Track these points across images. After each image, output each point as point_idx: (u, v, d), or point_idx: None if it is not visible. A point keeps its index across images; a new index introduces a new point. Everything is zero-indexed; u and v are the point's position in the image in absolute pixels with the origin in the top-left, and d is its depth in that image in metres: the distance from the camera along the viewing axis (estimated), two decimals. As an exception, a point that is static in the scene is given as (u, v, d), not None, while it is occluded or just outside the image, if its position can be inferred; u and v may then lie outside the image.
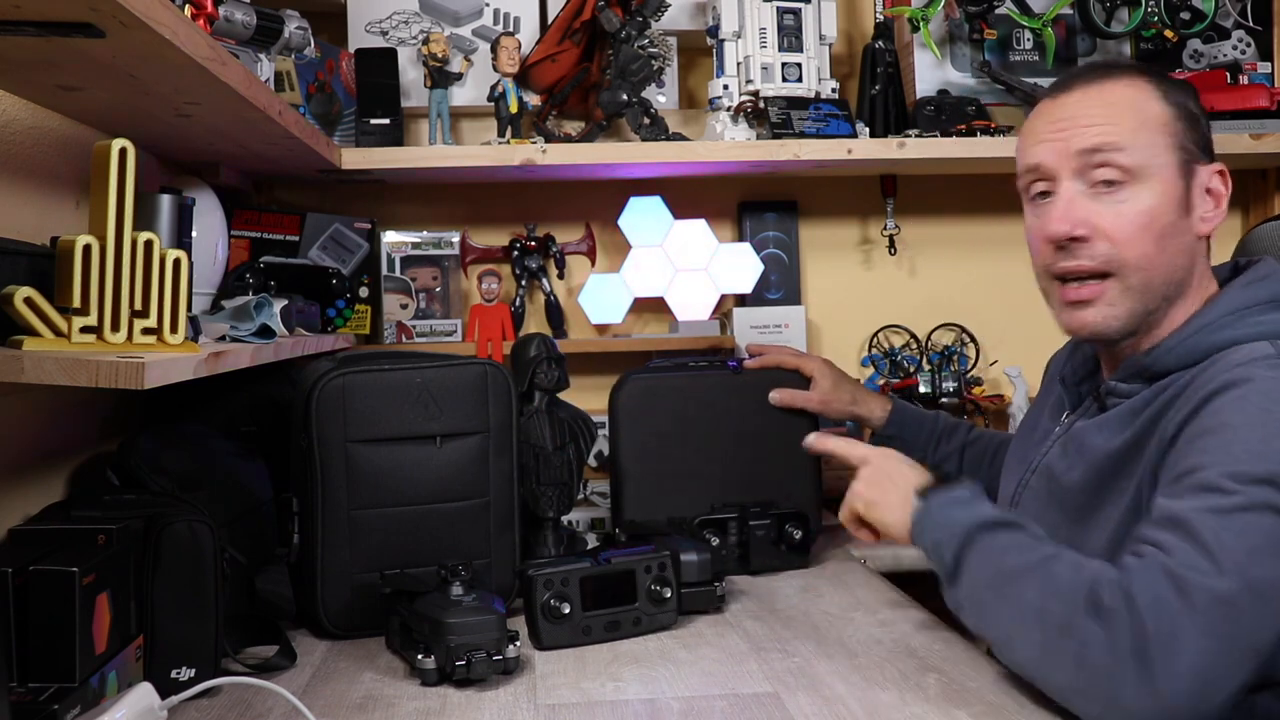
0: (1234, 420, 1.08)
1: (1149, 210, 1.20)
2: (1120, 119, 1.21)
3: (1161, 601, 0.98)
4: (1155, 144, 1.21)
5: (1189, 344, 1.19)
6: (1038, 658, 1.06)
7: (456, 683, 1.20)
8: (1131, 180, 1.20)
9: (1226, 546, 0.99)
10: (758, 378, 1.74)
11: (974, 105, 2.03)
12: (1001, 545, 1.12)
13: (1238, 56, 2.12)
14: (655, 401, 1.71)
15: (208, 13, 1.30)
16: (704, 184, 2.21)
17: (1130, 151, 1.20)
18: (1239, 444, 1.06)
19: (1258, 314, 1.18)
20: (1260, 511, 1.01)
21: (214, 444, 1.53)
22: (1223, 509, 1.02)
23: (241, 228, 1.89)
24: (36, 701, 0.96)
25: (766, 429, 1.73)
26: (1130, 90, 1.23)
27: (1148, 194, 1.20)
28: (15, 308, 0.99)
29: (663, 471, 1.70)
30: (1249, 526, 1.01)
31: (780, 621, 1.42)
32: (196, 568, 1.17)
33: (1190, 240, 1.22)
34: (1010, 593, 1.08)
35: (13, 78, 1.17)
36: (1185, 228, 1.22)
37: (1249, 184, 2.25)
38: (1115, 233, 1.20)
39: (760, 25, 1.98)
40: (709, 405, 1.72)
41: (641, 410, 1.71)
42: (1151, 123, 1.21)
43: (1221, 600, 0.98)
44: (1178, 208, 1.21)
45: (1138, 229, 1.19)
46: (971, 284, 2.25)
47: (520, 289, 2.13)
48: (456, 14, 2.07)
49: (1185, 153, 1.22)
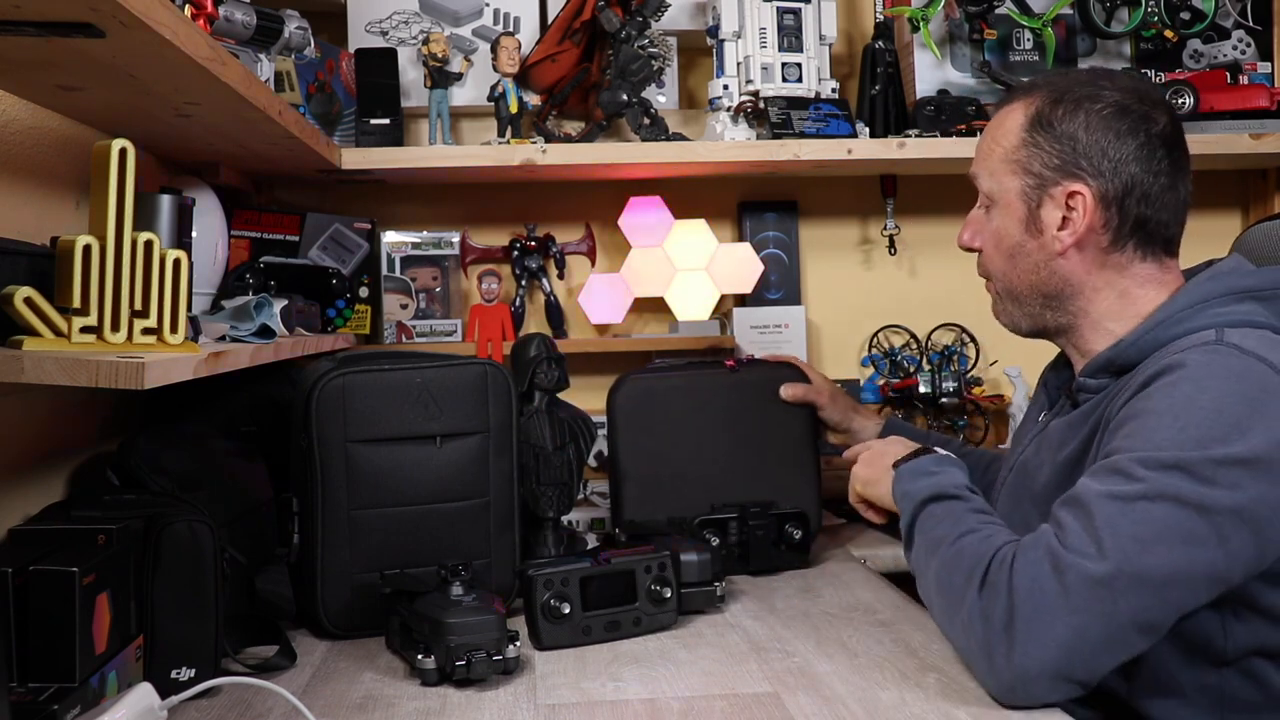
0: (1159, 406, 1.13)
1: (996, 230, 1.34)
2: (983, 148, 1.36)
3: (1037, 581, 1.08)
4: (1000, 171, 1.32)
5: (1150, 337, 1.24)
6: (942, 622, 1.21)
7: (456, 683, 1.20)
8: (991, 203, 1.35)
9: (1116, 533, 1.07)
10: (756, 376, 1.74)
11: (974, 105, 2.03)
12: (938, 516, 1.24)
13: (1238, 56, 2.12)
14: (653, 402, 1.71)
15: (208, 13, 1.30)
16: (704, 184, 2.21)
17: (982, 179, 1.35)
18: (1158, 430, 1.11)
19: (1216, 305, 1.22)
20: (1159, 501, 1.07)
21: (214, 444, 1.53)
22: (1124, 496, 1.09)
23: (241, 228, 1.89)
24: (36, 701, 0.96)
25: (766, 429, 1.72)
26: (1002, 118, 1.34)
27: (998, 216, 1.34)
28: (15, 308, 0.99)
29: (662, 472, 1.70)
30: (1144, 515, 1.07)
31: (780, 621, 1.42)
32: (196, 568, 1.17)
33: (1045, 258, 1.31)
34: (932, 561, 1.21)
35: (13, 78, 1.17)
36: (1035, 247, 1.31)
37: (1249, 184, 2.25)
38: (985, 248, 1.37)
39: (760, 25, 1.98)
40: (707, 405, 1.71)
41: (640, 411, 1.71)
42: (1001, 152, 1.32)
43: (1095, 583, 1.06)
44: (1022, 229, 1.31)
45: (993, 246, 1.35)
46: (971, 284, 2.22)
47: (520, 289, 2.13)
48: (456, 14, 2.07)
49: (1033, 177, 1.30)
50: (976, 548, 1.15)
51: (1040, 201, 1.29)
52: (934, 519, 1.24)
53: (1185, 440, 1.09)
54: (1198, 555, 1.07)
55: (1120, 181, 1.26)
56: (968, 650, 1.14)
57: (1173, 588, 1.07)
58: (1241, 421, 1.09)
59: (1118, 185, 1.26)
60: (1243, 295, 1.23)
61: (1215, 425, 1.09)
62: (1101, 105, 1.26)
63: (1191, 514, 1.07)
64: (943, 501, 1.25)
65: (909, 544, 1.27)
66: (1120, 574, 1.06)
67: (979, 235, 1.38)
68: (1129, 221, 1.26)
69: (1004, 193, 1.32)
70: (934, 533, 1.22)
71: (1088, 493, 1.11)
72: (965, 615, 1.13)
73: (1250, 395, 1.10)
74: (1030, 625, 1.07)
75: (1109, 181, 1.26)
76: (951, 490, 1.26)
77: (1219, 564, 1.07)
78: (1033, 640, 1.07)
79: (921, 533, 1.25)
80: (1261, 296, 1.23)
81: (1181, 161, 1.28)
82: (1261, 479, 1.08)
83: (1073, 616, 1.06)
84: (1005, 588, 1.09)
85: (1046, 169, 1.28)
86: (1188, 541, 1.06)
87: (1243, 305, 1.22)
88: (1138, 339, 1.24)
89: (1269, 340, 1.16)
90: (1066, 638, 1.06)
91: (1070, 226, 1.28)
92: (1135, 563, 1.06)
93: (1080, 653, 1.07)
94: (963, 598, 1.13)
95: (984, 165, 1.35)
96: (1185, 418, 1.10)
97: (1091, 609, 1.06)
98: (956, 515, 1.22)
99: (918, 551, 1.25)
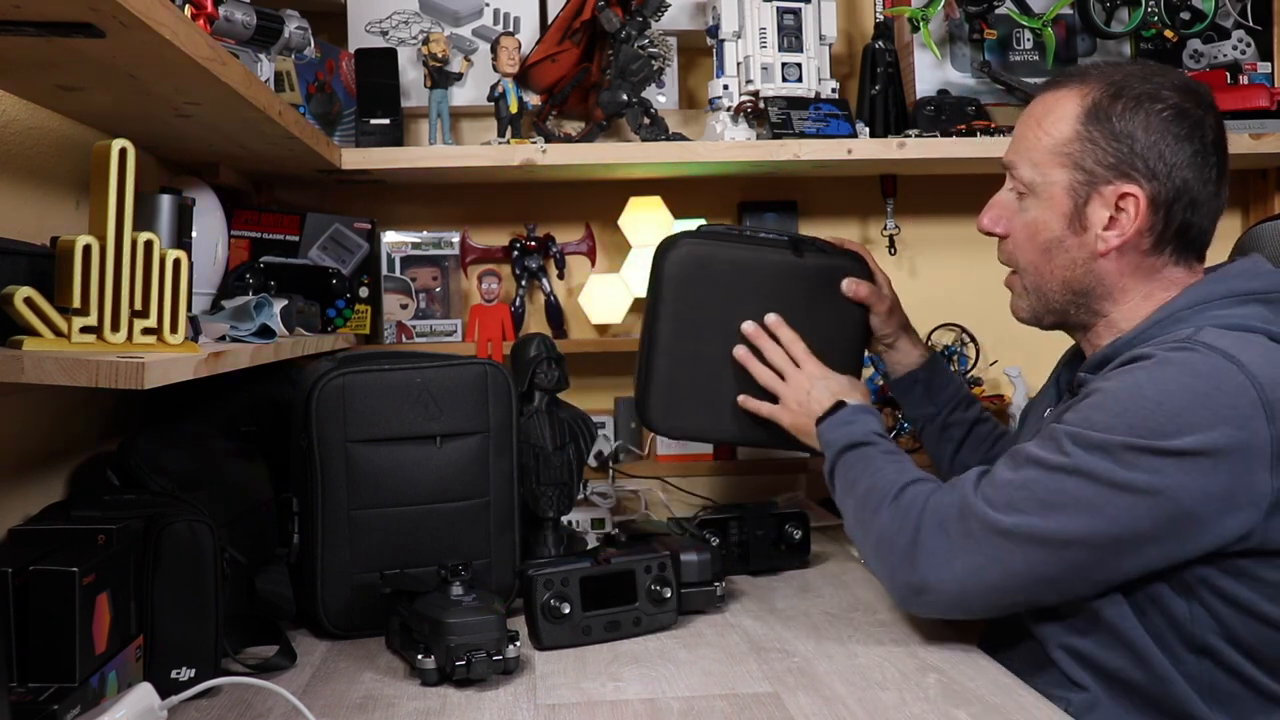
0: (1109, 388, 1.18)
1: (1033, 223, 1.30)
2: (1029, 136, 1.30)
3: (944, 522, 1.22)
4: (1048, 162, 1.28)
5: (1147, 335, 1.24)
6: (861, 545, 1.35)
7: (456, 683, 1.20)
8: (1029, 194, 1.30)
9: (1029, 495, 1.17)
10: (819, 264, 1.55)
11: (974, 105, 2.03)
12: (854, 460, 1.37)
13: (1238, 56, 2.12)
14: (707, 275, 1.50)
15: (208, 13, 1.30)
16: (704, 184, 2.21)
17: (1023, 169, 1.30)
18: (1099, 411, 1.17)
19: (1217, 307, 1.23)
20: (1074, 475, 1.15)
21: (214, 444, 1.53)
22: (1048, 464, 1.17)
23: (241, 228, 1.89)
24: (36, 701, 0.96)
25: (816, 327, 1.53)
26: (1053, 106, 1.29)
27: (1035, 208, 1.30)
28: (15, 308, 1.00)
29: (699, 367, 1.51)
30: (1058, 485, 1.16)
31: (780, 621, 1.42)
32: (196, 568, 1.17)
33: (1085, 256, 1.28)
34: (849, 499, 1.36)
35: (13, 78, 1.17)
36: (1076, 245, 1.28)
37: (1249, 184, 2.25)
38: (1014, 236, 1.33)
39: (760, 25, 1.98)
40: (762, 287, 1.52)
41: (690, 284, 1.50)
42: (1050, 142, 1.28)
43: (996, 532, 1.18)
44: (1065, 225, 1.28)
45: (1025, 238, 1.32)
46: (971, 284, 2.24)
47: (520, 289, 2.13)
48: (456, 14, 2.07)
49: (1084, 173, 1.26)
50: (889, 478, 1.31)
51: (1088, 199, 1.26)
52: (852, 461, 1.37)
53: (1118, 425, 1.14)
54: (1098, 525, 1.14)
55: (1173, 186, 1.23)
56: (876, 564, 1.31)
57: (1072, 550, 1.16)
58: (1180, 417, 1.11)
59: (1170, 190, 1.23)
60: (1246, 298, 1.23)
61: (1152, 416, 1.12)
62: (1162, 106, 1.23)
63: (1101, 489, 1.14)
64: (859, 449, 1.38)
65: (831, 487, 1.41)
66: (1019, 530, 1.17)
67: (1003, 221, 1.34)
68: (1173, 227, 1.25)
69: (1049, 185, 1.28)
70: (849, 474, 1.37)
71: (1023, 452, 1.21)
72: (875, 536, 1.29)
73: (1201, 391, 1.12)
74: (931, 555, 1.22)
75: (1162, 185, 1.23)
76: (865, 439, 1.38)
77: (1124, 538, 1.14)
78: (931, 566, 1.22)
79: (840, 475, 1.38)
80: (1268, 300, 1.23)
81: (1225, 167, 1.27)
82: (1187, 470, 1.11)
83: (970, 557, 1.20)
84: (915, 515, 1.25)
85: (1100, 166, 1.25)
86: (1089, 511, 1.14)
87: (1246, 308, 1.21)
88: (1135, 336, 1.25)
89: (1245, 341, 1.16)
90: (963, 573, 1.20)
91: (1118, 228, 1.25)
92: (1034, 523, 1.16)
93: (976, 589, 1.21)
94: (875, 518, 1.29)
95: (1026, 154, 1.30)
96: (1126, 403, 1.15)
97: (988, 553, 1.19)
98: (868, 458, 1.36)
99: (839, 493, 1.39)
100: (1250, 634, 1.17)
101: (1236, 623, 1.17)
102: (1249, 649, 1.17)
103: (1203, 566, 1.15)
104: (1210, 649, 1.17)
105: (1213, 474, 1.11)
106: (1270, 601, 1.16)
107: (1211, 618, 1.17)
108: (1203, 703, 1.17)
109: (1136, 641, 1.18)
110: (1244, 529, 1.12)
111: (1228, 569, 1.15)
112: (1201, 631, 1.17)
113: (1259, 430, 1.11)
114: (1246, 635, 1.17)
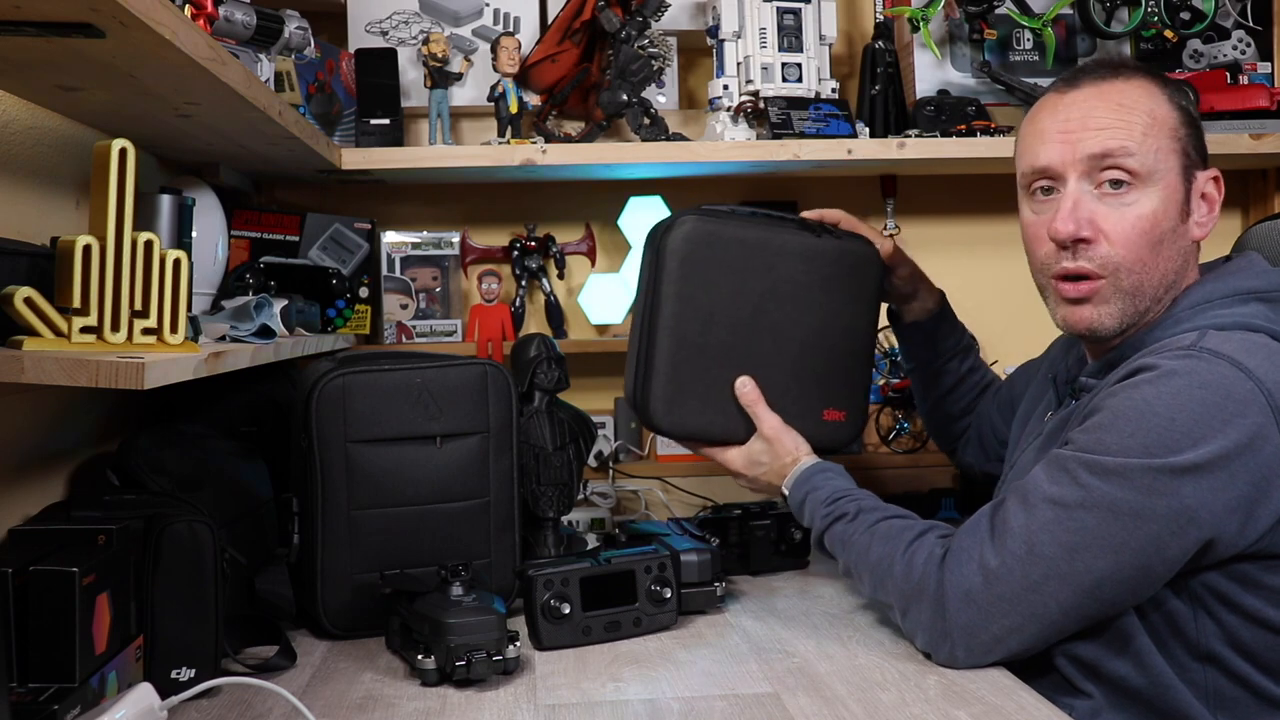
0: (1118, 406, 1.14)
1: (1151, 215, 1.21)
2: (1131, 122, 1.21)
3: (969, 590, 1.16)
4: (1162, 148, 1.22)
5: (1152, 336, 1.23)
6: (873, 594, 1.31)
7: (456, 683, 1.20)
8: (1137, 184, 1.21)
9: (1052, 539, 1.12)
10: (831, 248, 1.46)
11: (974, 105, 2.03)
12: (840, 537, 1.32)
13: (1238, 56, 2.12)
14: (715, 255, 1.39)
15: (208, 13, 1.30)
16: (704, 184, 2.21)
17: (1139, 156, 1.21)
18: (1110, 432, 1.13)
19: (1219, 307, 1.22)
20: (1094, 510, 1.11)
21: (214, 444, 1.53)
22: (1064, 502, 1.13)
23: (241, 228, 1.89)
24: (36, 701, 0.96)
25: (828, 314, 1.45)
26: (1140, 92, 1.23)
27: (1151, 199, 1.21)
28: (15, 308, 1.00)
29: (706, 358, 1.40)
30: (1079, 524, 1.12)
31: (780, 621, 1.42)
32: (196, 568, 1.17)
33: (1185, 244, 1.25)
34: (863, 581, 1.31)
35: (13, 78, 1.17)
36: (1182, 232, 1.24)
37: (1249, 184, 2.25)
38: (1116, 236, 1.22)
39: (760, 25, 1.98)
40: (773, 269, 1.42)
41: (696, 263, 1.39)
42: (1159, 126, 1.22)
43: (1026, 589, 1.13)
44: (1178, 213, 1.23)
45: (1138, 234, 1.21)
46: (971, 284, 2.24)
47: (520, 289, 2.13)
48: (456, 14, 2.07)
49: (1187, 158, 1.24)
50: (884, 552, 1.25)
51: (1191, 184, 1.25)
52: (839, 539, 1.33)
53: (1132, 447, 1.11)
54: (1125, 561, 1.11)
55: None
56: (914, 639, 1.24)
57: (1104, 588, 1.13)
58: (1194, 430, 1.09)
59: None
60: (1248, 296, 1.22)
61: (1166, 434, 1.10)
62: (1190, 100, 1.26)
63: (1124, 522, 1.10)
64: (835, 525, 1.33)
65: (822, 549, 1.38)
66: (1049, 578, 1.13)
67: (1095, 221, 1.21)
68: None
69: (1166, 172, 1.21)
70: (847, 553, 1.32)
71: (1035, 492, 1.16)
72: (902, 618, 1.25)
73: (1211, 403, 1.10)
74: (967, 631, 1.17)
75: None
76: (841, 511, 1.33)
77: (1154, 567, 1.11)
78: (973, 643, 1.17)
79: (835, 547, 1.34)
80: (1268, 298, 1.22)
81: None
82: (1204, 484, 1.09)
83: (1005, 619, 1.15)
84: (934, 592, 1.19)
85: (1195, 151, 1.25)
86: (1117, 550, 1.11)
87: (1247, 307, 1.21)
88: (1141, 339, 1.24)
89: (1251, 344, 1.15)
90: (1002, 634, 1.16)
91: (1209, 214, 1.26)
92: (1062, 568, 1.12)
93: (1017, 646, 1.17)
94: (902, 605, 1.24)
95: (1135, 139, 1.21)
96: (1138, 423, 1.11)
97: (1023, 612, 1.15)
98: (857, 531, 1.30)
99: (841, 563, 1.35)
100: (1255, 640, 1.16)
101: (1242, 629, 1.16)
102: (1253, 655, 1.17)
103: (1208, 572, 1.15)
104: (1215, 655, 1.17)
105: (1231, 485, 1.09)
106: (1275, 607, 1.15)
107: (1217, 624, 1.16)
108: (1205, 708, 1.17)
109: (1141, 649, 1.17)
110: (1259, 533, 1.11)
111: (1233, 574, 1.14)
112: (1207, 639, 1.17)
113: (1270, 436, 1.10)
114: (1251, 641, 1.16)
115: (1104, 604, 1.14)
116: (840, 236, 1.50)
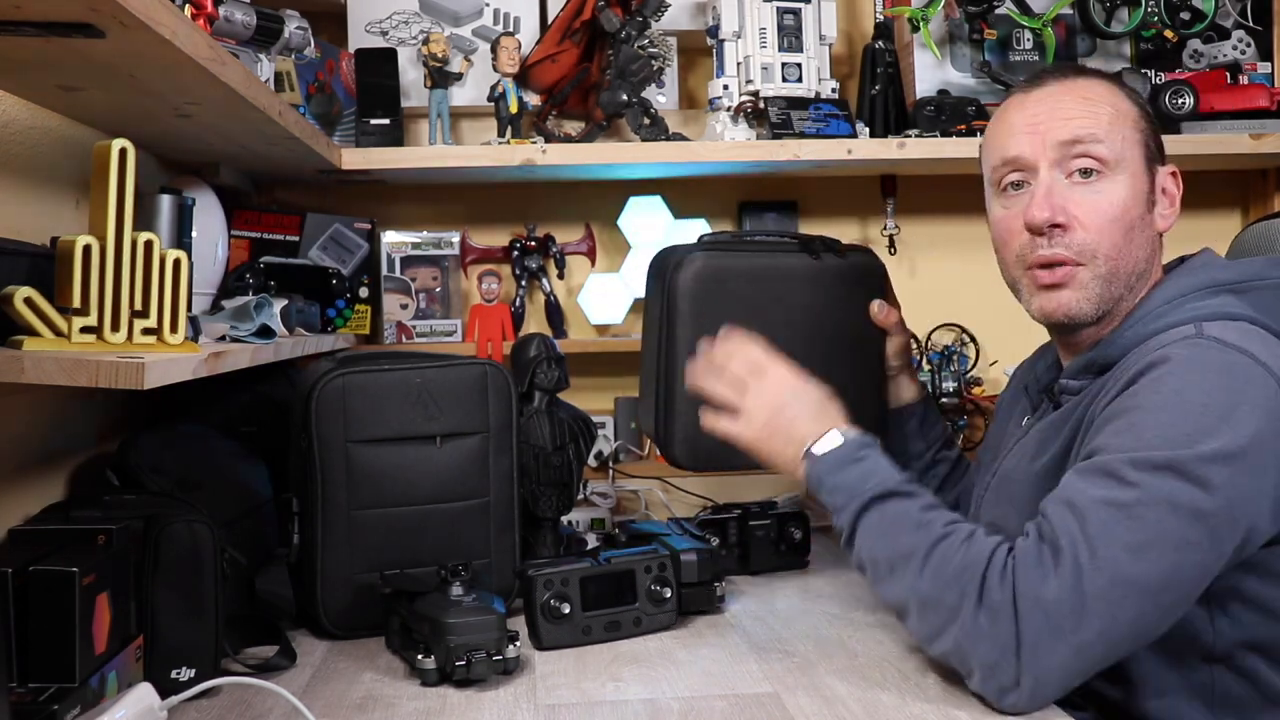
0: (1146, 402, 1.12)
1: (1121, 201, 1.24)
2: (1097, 113, 1.25)
3: (1040, 604, 1.05)
4: (1128, 138, 1.25)
5: (1131, 334, 1.23)
6: (928, 635, 1.14)
7: (456, 683, 1.20)
8: (1107, 171, 1.24)
9: (1111, 541, 1.05)
10: (836, 266, 1.48)
11: (974, 105, 2.02)
12: (892, 517, 1.17)
13: (1238, 56, 2.12)
14: (723, 287, 1.40)
15: (208, 13, 1.30)
16: (704, 184, 2.21)
17: (1107, 144, 1.24)
18: (1147, 427, 1.10)
19: (1194, 300, 1.22)
20: (1154, 507, 1.06)
21: (214, 444, 1.53)
22: (1119, 503, 1.06)
23: (241, 228, 1.89)
24: (36, 701, 0.96)
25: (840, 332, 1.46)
26: (1102, 88, 1.28)
27: (1120, 186, 1.24)
28: (15, 308, 1.00)
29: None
30: (1139, 522, 1.06)
31: (780, 621, 1.42)
32: (196, 568, 1.17)
33: (1151, 234, 1.28)
34: (904, 571, 1.14)
35: (13, 78, 1.17)
36: (1149, 222, 1.27)
37: (1249, 184, 2.25)
38: (1090, 221, 1.23)
39: (760, 25, 1.98)
40: (783, 297, 1.43)
41: (707, 301, 1.40)
42: (1123, 118, 1.26)
43: (1095, 598, 1.04)
44: (1145, 202, 1.26)
45: (1110, 219, 1.23)
46: (971, 284, 2.24)
47: (520, 289, 2.13)
48: (456, 14, 2.07)
49: (1149, 150, 1.28)
50: (963, 558, 1.10)
51: (1154, 175, 1.28)
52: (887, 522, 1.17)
53: (1175, 437, 1.08)
54: (1188, 559, 1.06)
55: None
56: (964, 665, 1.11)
57: (1166, 593, 1.07)
58: (1227, 414, 1.09)
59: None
60: (1218, 288, 1.23)
61: (1203, 419, 1.09)
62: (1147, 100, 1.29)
63: (1186, 519, 1.06)
64: (890, 500, 1.18)
65: (850, 543, 1.21)
66: (1115, 584, 1.05)
67: (1068, 208, 1.23)
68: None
69: (1132, 161, 1.25)
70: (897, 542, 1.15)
71: (1081, 496, 1.08)
72: (959, 633, 1.09)
73: (1235, 387, 1.10)
74: (1036, 652, 1.05)
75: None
76: (894, 487, 1.19)
77: (1210, 565, 1.08)
78: (1040, 665, 1.05)
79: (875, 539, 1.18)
80: (1237, 289, 1.24)
81: None
82: (1241, 471, 1.08)
83: (1075, 636, 1.05)
84: (1010, 611, 1.06)
85: (1156, 146, 1.29)
86: (1180, 548, 1.06)
87: (1218, 298, 1.22)
88: (1118, 338, 1.24)
89: (1247, 332, 1.16)
90: (1069, 658, 1.06)
91: (1172, 206, 1.29)
92: (1128, 570, 1.05)
93: (1082, 670, 1.08)
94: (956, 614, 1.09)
95: (1103, 128, 1.24)
96: (1174, 413, 1.10)
97: (1093, 626, 1.05)
98: (916, 518, 1.16)
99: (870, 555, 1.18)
100: (1267, 633, 1.15)
101: (1260, 625, 1.14)
102: (1266, 650, 1.15)
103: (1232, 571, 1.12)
104: (1226, 656, 1.15)
105: (1263, 472, 1.08)
106: None
107: (1233, 623, 1.14)
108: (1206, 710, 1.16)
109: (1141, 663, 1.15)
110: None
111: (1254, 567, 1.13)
112: (1220, 640, 1.15)
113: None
114: (1266, 636, 1.15)
115: (1164, 614, 1.08)
116: (838, 250, 1.52)
